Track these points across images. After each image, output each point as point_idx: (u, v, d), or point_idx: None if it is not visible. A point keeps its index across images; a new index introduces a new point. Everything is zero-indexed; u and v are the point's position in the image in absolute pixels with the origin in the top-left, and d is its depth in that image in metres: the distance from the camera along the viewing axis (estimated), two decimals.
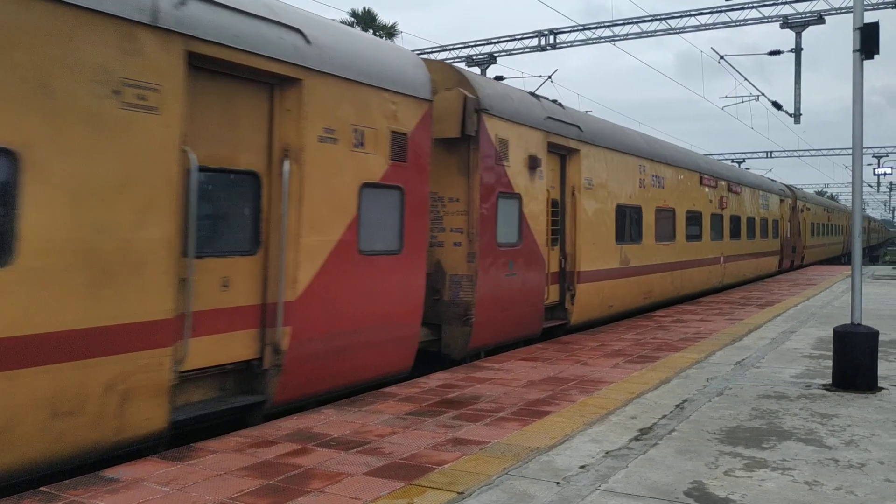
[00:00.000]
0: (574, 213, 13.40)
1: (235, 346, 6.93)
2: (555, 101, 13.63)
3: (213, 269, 6.71)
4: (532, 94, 12.87)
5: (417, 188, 9.00)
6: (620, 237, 15.11)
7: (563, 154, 13.29)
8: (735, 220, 24.34)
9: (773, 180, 34.06)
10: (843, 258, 52.41)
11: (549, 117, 12.54)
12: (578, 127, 13.54)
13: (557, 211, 13.12)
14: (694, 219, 20.11)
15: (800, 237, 36.21)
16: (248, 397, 7.09)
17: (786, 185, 35.01)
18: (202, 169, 6.49)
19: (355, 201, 8.07)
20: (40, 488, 5.13)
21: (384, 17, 36.99)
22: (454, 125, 10.18)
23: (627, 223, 15.63)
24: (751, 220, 26.60)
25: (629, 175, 15.73)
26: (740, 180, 25.81)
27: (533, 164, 11.86)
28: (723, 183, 22.93)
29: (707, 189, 21.24)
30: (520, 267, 11.45)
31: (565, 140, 13.03)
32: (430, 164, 9.27)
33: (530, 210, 11.84)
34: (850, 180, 9.10)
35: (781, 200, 31.99)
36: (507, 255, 11.13)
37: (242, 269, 6.99)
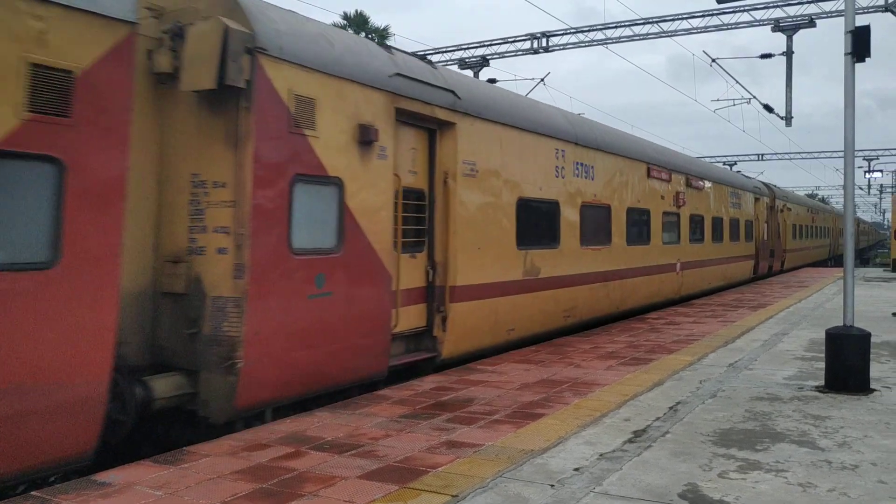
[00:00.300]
0: (447, 209, 10.19)
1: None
2: (424, 58, 10.75)
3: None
4: (379, 43, 10.05)
5: (96, 162, 5.90)
6: (525, 240, 11.90)
7: (431, 129, 10.13)
8: (697, 221, 21.27)
9: (747, 177, 31.74)
10: (829, 262, 50.56)
11: (400, 74, 9.25)
12: (454, 93, 10.26)
13: (425, 206, 10.11)
14: (639, 218, 16.92)
15: (779, 240, 33.52)
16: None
17: (763, 183, 32.56)
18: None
19: None
20: (31, 493, 5.10)
21: (376, 20, 37.11)
22: (208, 71, 6.89)
23: (536, 223, 12.48)
24: (717, 221, 23.32)
25: (540, 161, 12.49)
26: (704, 174, 22.51)
27: (365, 137, 8.52)
28: (679, 176, 19.80)
29: (657, 182, 18.08)
30: (340, 283, 8.15)
31: (429, 109, 9.79)
32: (127, 125, 6.16)
33: (361, 202, 8.54)
34: (842, 183, 9.14)
35: (757, 199, 29.13)
36: (311, 266, 7.82)
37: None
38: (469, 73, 27.17)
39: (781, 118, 25.54)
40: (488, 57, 28.27)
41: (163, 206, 7.48)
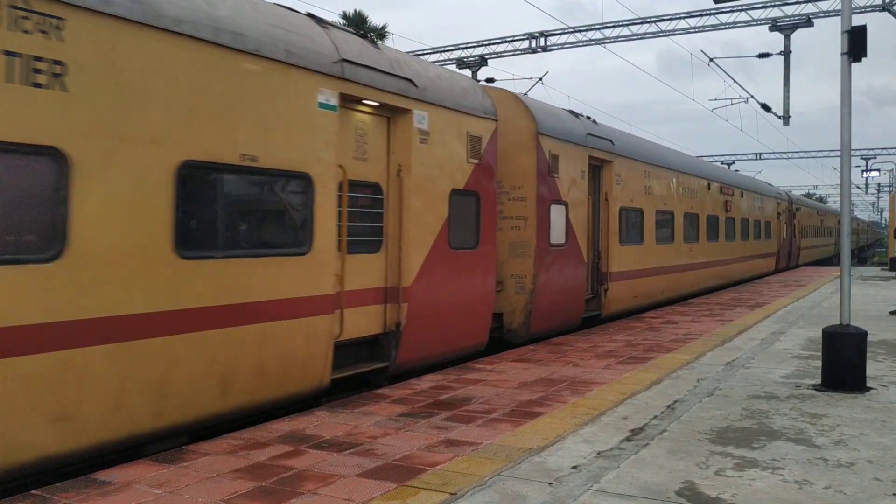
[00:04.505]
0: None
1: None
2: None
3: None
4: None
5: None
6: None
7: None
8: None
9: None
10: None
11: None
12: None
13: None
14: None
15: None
16: None
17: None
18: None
19: None
20: (31, 491, 5.11)
21: (373, 18, 37.03)
22: None
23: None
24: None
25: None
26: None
27: None
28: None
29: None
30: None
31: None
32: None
33: None
34: (839, 182, 9.17)
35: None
36: None
37: None
38: (468, 72, 27.19)
39: (779, 117, 25.59)
40: (486, 56, 28.30)
41: None
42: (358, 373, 8.65)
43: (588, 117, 15.11)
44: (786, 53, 23.76)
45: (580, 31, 26.94)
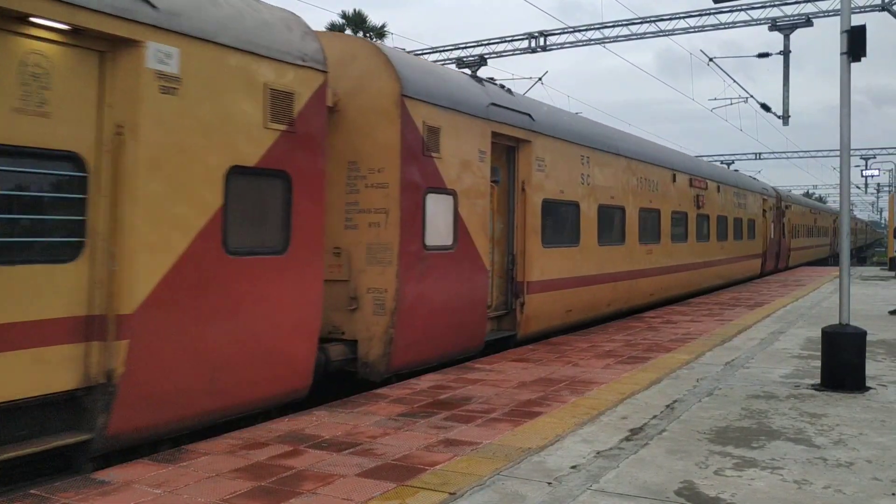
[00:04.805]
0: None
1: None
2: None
3: None
4: None
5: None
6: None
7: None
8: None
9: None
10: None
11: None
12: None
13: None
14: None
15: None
16: None
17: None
18: None
19: None
20: (30, 490, 5.11)
21: (373, 17, 37.06)
22: None
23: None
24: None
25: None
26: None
27: None
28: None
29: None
30: None
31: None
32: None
33: None
34: (838, 182, 9.18)
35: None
36: None
37: None
38: (467, 72, 27.15)
39: (778, 117, 25.60)
40: (486, 56, 28.32)
41: None
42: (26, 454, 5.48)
43: (502, 86, 12.20)
44: (785, 53, 23.76)
45: (580, 30, 26.95)
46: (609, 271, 14.93)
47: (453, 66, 27.36)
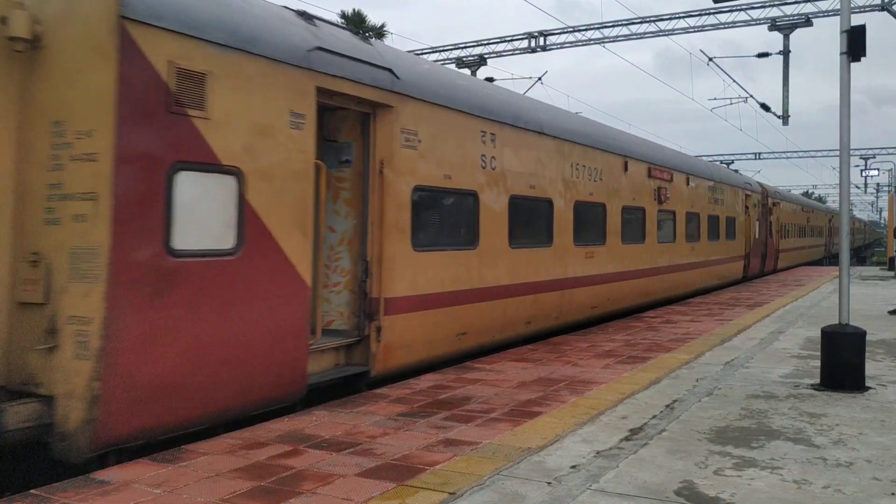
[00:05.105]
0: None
1: None
2: None
3: None
4: None
5: None
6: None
7: None
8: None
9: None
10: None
11: None
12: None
13: None
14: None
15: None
16: None
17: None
18: None
19: None
20: (30, 490, 5.11)
21: (371, 17, 37.18)
22: None
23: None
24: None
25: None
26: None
27: None
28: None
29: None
30: None
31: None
32: None
33: None
34: (838, 182, 9.18)
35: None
36: None
37: None
38: (466, 71, 27.18)
39: (778, 117, 25.61)
40: (486, 56, 28.33)
41: None
42: None
43: (359, 32, 9.27)
44: (785, 53, 23.78)
45: (579, 30, 26.96)
46: (527, 280, 11.92)
47: (453, 66, 27.39)
